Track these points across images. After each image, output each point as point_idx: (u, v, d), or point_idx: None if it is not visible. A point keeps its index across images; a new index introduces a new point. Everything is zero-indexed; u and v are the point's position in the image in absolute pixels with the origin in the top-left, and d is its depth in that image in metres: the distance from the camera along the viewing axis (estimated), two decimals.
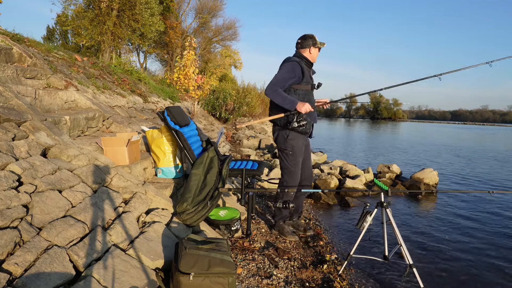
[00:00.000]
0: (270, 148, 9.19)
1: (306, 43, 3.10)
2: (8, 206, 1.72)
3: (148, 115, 5.41)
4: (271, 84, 2.94)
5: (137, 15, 9.73)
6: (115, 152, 2.91)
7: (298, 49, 3.14)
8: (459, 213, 4.64)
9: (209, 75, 18.71)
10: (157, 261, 2.03)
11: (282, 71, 2.99)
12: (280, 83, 2.94)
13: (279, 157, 3.19)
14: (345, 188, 5.53)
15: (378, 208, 2.52)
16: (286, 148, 3.08)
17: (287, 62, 3.01)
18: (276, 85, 2.93)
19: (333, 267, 2.69)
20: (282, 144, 3.10)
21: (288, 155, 3.09)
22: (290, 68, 2.97)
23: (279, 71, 3.01)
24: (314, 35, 3.13)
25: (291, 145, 3.07)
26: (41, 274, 1.50)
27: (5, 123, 2.38)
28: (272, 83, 2.94)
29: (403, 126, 46.90)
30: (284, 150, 3.10)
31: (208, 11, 26.13)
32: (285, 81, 2.95)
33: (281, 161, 3.16)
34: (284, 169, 3.15)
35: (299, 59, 3.05)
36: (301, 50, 3.12)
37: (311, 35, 3.12)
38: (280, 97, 2.91)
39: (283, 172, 3.17)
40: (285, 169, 3.14)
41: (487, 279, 2.81)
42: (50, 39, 20.49)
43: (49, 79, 3.73)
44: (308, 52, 3.10)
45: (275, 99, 2.93)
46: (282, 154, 3.13)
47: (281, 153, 3.14)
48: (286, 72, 2.96)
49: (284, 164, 3.13)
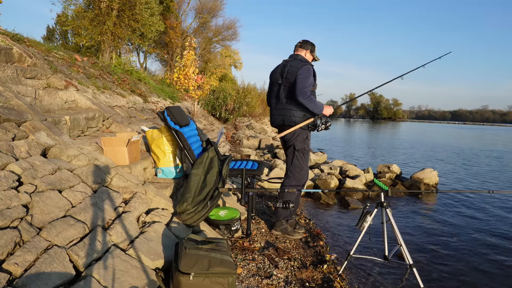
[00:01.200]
0: (270, 148, 9.19)
1: (306, 45, 3.21)
2: (8, 206, 1.72)
3: (148, 115, 5.41)
4: (302, 90, 2.96)
5: (137, 15, 9.73)
6: (115, 152, 2.91)
7: (297, 48, 3.20)
8: (459, 213, 4.64)
9: (209, 75, 18.71)
10: (157, 261, 2.03)
11: (304, 75, 2.99)
12: (308, 87, 2.99)
13: (295, 157, 3.17)
14: (345, 188, 5.53)
15: (378, 208, 2.52)
16: (305, 148, 3.15)
17: (303, 66, 3.02)
18: (307, 90, 2.98)
19: (333, 267, 2.69)
20: (301, 144, 3.14)
21: (304, 155, 3.16)
22: (308, 72, 3.01)
23: (300, 77, 2.98)
24: (315, 45, 3.25)
25: (308, 145, 3.18)
26: (41, 274, 1.50)
27: (5, 123, 2.38)
28: (302, 89, 2.96)
29: (403, 126, 46.90)
30: (302, 150, 3.15)
31: (208, 11, 26.13)
32: (310, 85, 3.02)
33: (297, 160, 3.16)
34: (296, 168, 3.17)
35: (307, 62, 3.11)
36: (299, 49, 3.19)
37: (313, 43, 3.25)
38: (313, 103, 3.00)
39: (295, 171, 3.17)
40: (297, 168, 3.17)
41: (487, 279, 2.81)
42: (50, 39, 20.50)
43: (49, 79, 3.72)
44: (304, 54, 3.20)
45: (308, 105, 2.99)
46: (299, 153, 3.15)
47: (299, 153, 3.15)
48: (307, 76, 3.00)
49: (300, 163, 3.16)
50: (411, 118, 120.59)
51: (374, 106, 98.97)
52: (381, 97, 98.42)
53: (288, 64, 3.12)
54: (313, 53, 3.24)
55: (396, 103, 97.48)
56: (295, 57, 3.17)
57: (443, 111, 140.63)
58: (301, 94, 2.95)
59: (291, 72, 3.03)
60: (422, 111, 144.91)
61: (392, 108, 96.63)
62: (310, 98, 2.97)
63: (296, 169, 3.17)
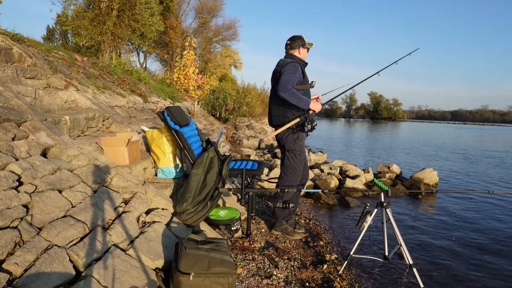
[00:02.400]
0: (270, 148, 9.19)
1: (295, 44, 3.14)
2: (8, 206, 1.72)
3: (148, 115, 5.41)
4: (283, 85, 2.86)
5: (137, 15, 9.73)
6: (115, 152, 2.91)
7: (288, 50, 3.18)
8: (459, 213, 4.64)
9: (209, 75, 18.72)
10: (157, 261, 2.03)
11: (288, 71, 2.93)
12: (290, 82, 2.89)
13: (286, 157, 3.18)
14: (345, 188, 5.53)
15: (378, 208, 2.53)
16: (296, 148, 3.12)
17: (288, 63, 2.99)
18: (288, 84, 2.86)
19: (333, 267, 2.69)
20: (291, 144, 3.11)
21: (296, 155, 3.13)
22: (294, 68, 2.96)
23: (284, 73, 2.93)
24: (302, 36, 3.17)
25: (299, 145, 3.13)
26: (41, 274, 1.50)
27: (5, 123, 2.38)
28: (283, 84, 2.86)
29: (403, 126, 46.90)
30: (293, 150, 3.13)
31: (208, 11, 26.13)
32: (294, 81, 2.93)
33: (288, 161, 3.16)
34: (289, 169, 3.16)
35: (294, 60, 3.06)
36: (291, 51, 3.17)
37: (300, 36, 3.16)
38: (296, 97, 2.88)
39: (287, 171, 3.16)
40: (290, 169, 3.15)
41: (487, 279, 2.81)
42: (50, 39, 20.49)
43: (49, 79, 3.72)
44: (298, 53, 3.15)
45: (290, 99, 2.87)
46: (290, 154, 3.14)
47: (289, 153, 3.15)
48: (292, 72, 2.94)
49: (291, 164, 3.14)
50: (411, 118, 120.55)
51: (374, 106, 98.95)
52: (381, 97, 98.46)
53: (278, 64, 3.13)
54: (304, 45, 3.15)
55: (396, 103, 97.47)
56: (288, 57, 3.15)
57: (443, 111, 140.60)
58: (281, 89, 2.85)
59: (277, 70, 3.05)
60: (422, 111, 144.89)
61: (392, 108, 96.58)
62: (291, 92, 2.85)
63: (288, 169, 3.16)
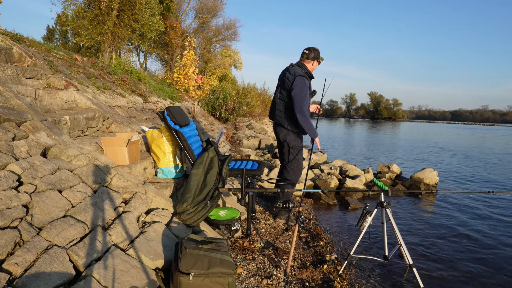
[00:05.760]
0: (270, 148, 9.18)
1: (312, 55, 3.26)
2: (8, 206, 1.72)
3: (148, 115, 5.41)
4: (301, 107, 3.05)
5: (137, 15, 9.72)
6: (115, 152, 2.91)
7: (304, 59, 3.25)
8: (459, 213, 4.64)
9: (209, 75, 18.72)
10: (157, 261, 2.03)
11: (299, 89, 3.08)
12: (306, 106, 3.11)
13: (291, 154, 3.32)
14: (345, 188, 5.53)
15: (378, 208, 2.52)
16: (298, 145, 3.30)
17: (299, 77, 3.11)
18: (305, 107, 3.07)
19: (333, 267, 2.69)
20: (293, 141, 3.28)
21: (299, 152, 3.31)
22: (304, 85, 3.11)
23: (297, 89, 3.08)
24: (318, 49, 3.30)
25: (300, 143, 3.34)
26: (41, 274, 1.50)
27: (5, 123, 2.38)
28: (300, 106, 3.05)
29: (403, 126, 46.90)
30: (296, 146, 3.29)
31: (208, 11, 26.10)
32: (307, 98, 3.12)
33: (292, 156, 3.30)
34: (293, 164, 3.31)
35: (303, 72, 3.18)
36: (306, 61, 3.27)
37: (317, 49, 3.29)
38: (308, 124, 3.14)
39: (293, 166, 3.31)
40: (294, 165, 3.31)
41: (487, 279, 2.81)
42: (50, 39, 20.47)
43: (49, 79, 3.73)
44: (311, 65, 3.28)
45: (303, 124, 3.11)
46: (293, 150, 3.30)
47: (293, 150, 3.30)
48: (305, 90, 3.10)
49: (296, 160, 3.31)
50: (411, 118, 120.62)
51: (374, 106, 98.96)
52: (381, 97, 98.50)
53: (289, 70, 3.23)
54: (318, 59, 3.32)
55: (396, 103, 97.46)
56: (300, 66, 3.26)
57: (443, 111, 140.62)
58: (299, 112, 3.07)
59: (288, 78, 3.17)
60: (422, 111, 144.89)
61: (392, 108, 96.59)
62: (307, 120, 3.10)
63: (294, 164, 3.32)
